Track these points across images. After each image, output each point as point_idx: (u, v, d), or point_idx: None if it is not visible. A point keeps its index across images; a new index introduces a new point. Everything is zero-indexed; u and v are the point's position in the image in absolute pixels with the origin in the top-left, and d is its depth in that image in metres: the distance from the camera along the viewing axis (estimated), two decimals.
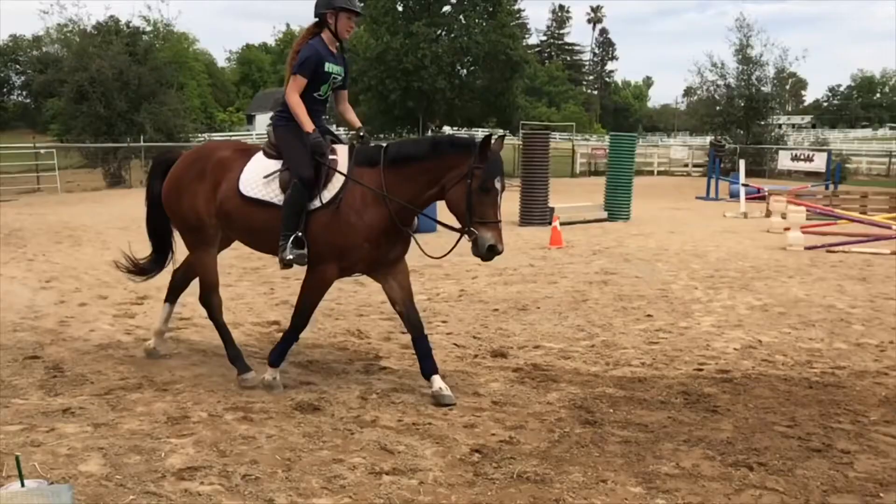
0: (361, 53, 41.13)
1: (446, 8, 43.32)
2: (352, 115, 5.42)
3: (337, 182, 4.89)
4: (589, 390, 5.19)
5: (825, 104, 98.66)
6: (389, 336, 6.57)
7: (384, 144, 5.15)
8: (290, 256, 4.84)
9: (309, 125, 4.98)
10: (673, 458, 4.03)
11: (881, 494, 3.66)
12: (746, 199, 19.68)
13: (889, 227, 13.79)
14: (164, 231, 5.94)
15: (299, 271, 5.56)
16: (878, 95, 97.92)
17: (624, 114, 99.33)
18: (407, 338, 6.48)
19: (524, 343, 6.43)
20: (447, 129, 54.45)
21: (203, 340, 6.28)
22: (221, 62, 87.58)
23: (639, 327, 7.07)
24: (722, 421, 4.64)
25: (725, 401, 5.01)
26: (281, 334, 6.52)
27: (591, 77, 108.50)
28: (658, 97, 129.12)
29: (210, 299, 5.43)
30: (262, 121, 74.02)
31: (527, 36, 67.60)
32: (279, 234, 4.88)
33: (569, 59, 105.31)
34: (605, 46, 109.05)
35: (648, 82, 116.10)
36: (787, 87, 49.15)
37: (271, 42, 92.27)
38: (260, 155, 5.20)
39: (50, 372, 5.36)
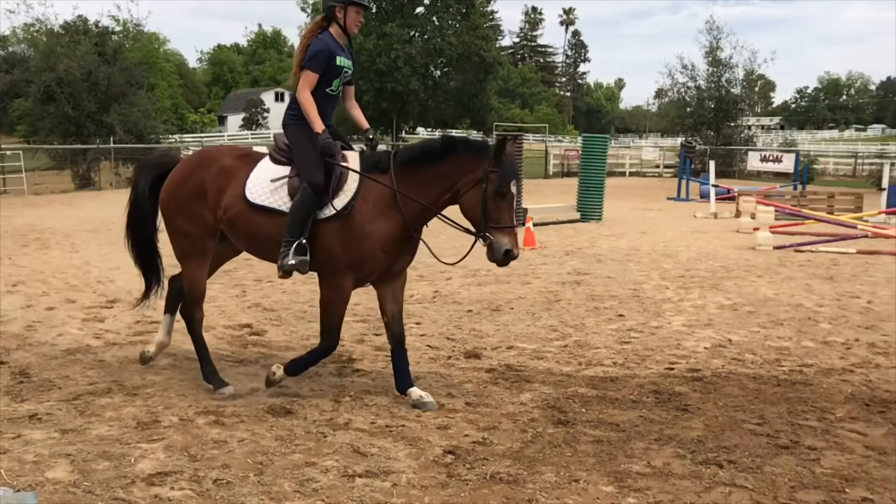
0: None
1: (419, 9, 43.41)
2: (358, 113, 5.26)
3: (349, 189, 4.73)
4: (562, 390, 5.21)
5: (793, 106, 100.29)
6: (363, 338, 6.55)
7: (392, 150, 5.03)
8: (293, 262, 4.65)
9: (319, 125, 4.80)
10: (644, 457, 4.07)
11: (847, 490, 3.73)
12: (716, 199, 19.93)
13: (855, 227, 14.05)
14: (149, 243, 5.60)
15: (272, 275, 5.52)
16: (843, 97, 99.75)
17: (596, 115, 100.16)
18: (381, 339, 6.50)
19: (497, 344, 6.45)
20: (421, 131, 54.54)
21: (174, 344, 6.19)
22: (193, 63, 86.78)
23: (611, 327, 7.13)
24: (692, 419, 4.69)
25: (696, 399, 5.06)
26: (253, 337, 6.50)
27: (563, 79, 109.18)
28: (630, 99, 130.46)
29: (193, 312, 5.23)
30: (234, 122, 73.56)
31: (500, 38, 67.79)
32: None
33: (541, 60, 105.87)
34: (578, 48, 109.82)
35: (620, 84, 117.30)
36: (756, 88, 49.79)
37: (243, 43, 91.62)
38: (267, 160, 5.00)
39: (16, 377, 5.26)
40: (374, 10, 41.86)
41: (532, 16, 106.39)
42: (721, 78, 39.85)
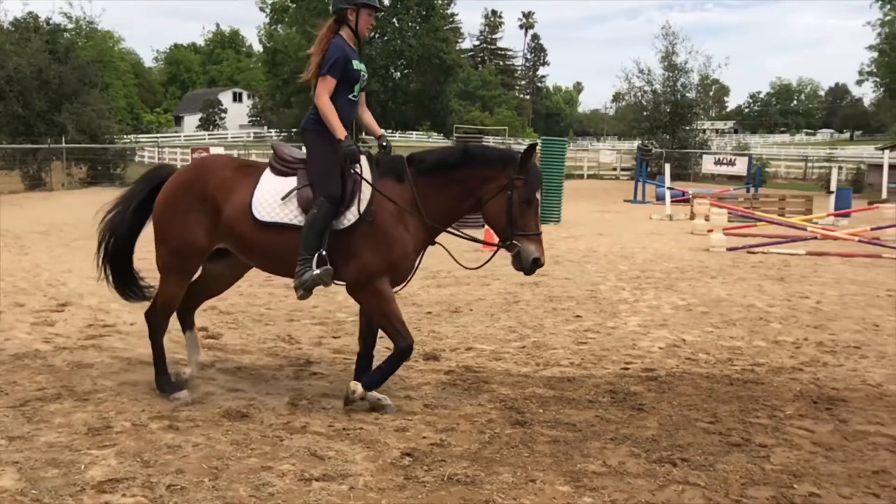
0: (293, 54, 40.69)
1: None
2: (370, 119, 5.11)
3: (365, 195, 4.62)
4: (519, 391, 5.25)
5: (746, 110, 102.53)
6: (321, 341, 6.50)
7: (405, 155, 4.96)
8: (318, 272, 4.53)
9: (342, 131, 4.66)
10: (600, 457, 4.12)
11: (795, 486, 3.82)
12: (672, 202, 20.27)
13: (804, 229, 14.43)
14: (127, 259, 5.32)
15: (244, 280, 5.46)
16: (794, 102, 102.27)
17: (555, 118, 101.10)
18: (339, 342, 6.48)
19: (456, 345, 6.47)
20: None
21: (127, 348, 6.09)
22: (149, 62, 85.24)
23: (568, 328, 7.20)
24: (647, 419, 4.76)
25: (651, 399, 5.14)
26: (209, 340, 6.41)
27: (523, 82, 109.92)
28: (588, 102, 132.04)
29: (158, 321, 5.01)
30: (191, 122, 72.55)
31: (460, 40, 68.03)
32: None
33: (501, 63, 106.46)
34: (537, 52, 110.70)
35: (578, 88, 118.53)
36: (711, 93, 50.75)
37: (201, 42, 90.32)
38: (269, 173, 4.81)
39: None
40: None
41: (492, 19, 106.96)
42: (676, 82, 40.62)
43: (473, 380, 5.50)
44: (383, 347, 6.31)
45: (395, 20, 43.18)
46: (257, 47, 63.03)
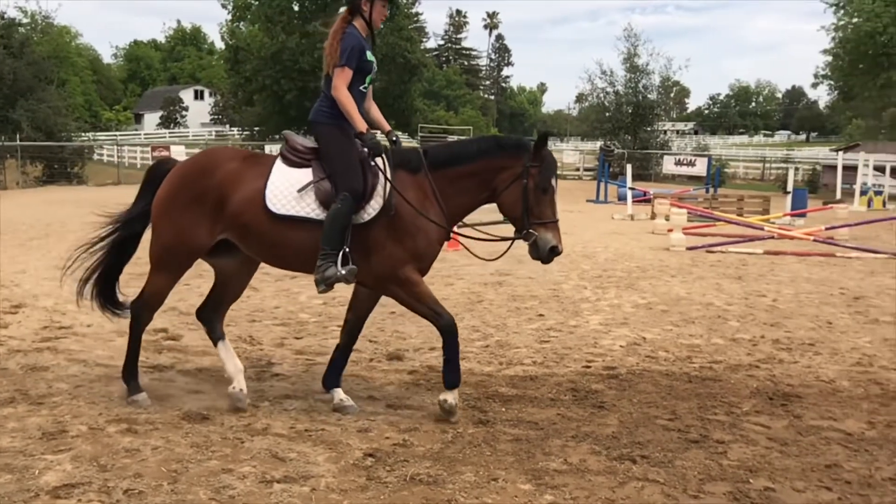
0: (256, 52, 40.31)
1: (343, 9, 43.06)
2: (377, 113, 4.98)
3: (385, 187, 4.56)
4: (482, 390, 5.27)
5: (706, 112, 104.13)
6: (283, 342, 6.46)
7: (420, 148, 4.91)
8: (343, 272, 4.43)
9: (363, 124, 4.60)
10: (561, 454, 4.16)
11: (751, 481, 3.90)
12: (633, 202, 20.52)
13: (762, 229, 14.72)
14: (124, 255, 5.13)
15: (188, 277, 5.39)
16: (753, 104, 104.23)
17: (519, 119, 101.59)
18: (301, 343, 6.44)
19: (420, 345, 6.47)
20: None
21: (84, 350, 5.98)
22: (107, 58, 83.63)
23: (531, 327, 7.25)
24: (608, 416, 4.82)
25: (611, 396, 5.20)
26: (168, 341, 6.32)
27: (487, 82, 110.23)
28: (552, 103, 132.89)
29: (143, 313, 4.91)
30: (152, 120, 71.37)
31: (425, 40, 68.00)
32: (317, 251, 4.47)
33: (466, 63, 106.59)
34: (501, 52, 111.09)
35: (542, 88, 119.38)
36: (672, 94, 51.53)
37: (161, 39, 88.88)
38: (280, 164, 4.68)
39: None
40: (296, 10, 41.37)
41: (457, 19, 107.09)
42: (638, 84, 41.10)
43: (437, 379, 5.49)
44: (337, 340, 6.29)
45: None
46: (219, 44, 62.25)
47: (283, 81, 39.79)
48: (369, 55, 4.72)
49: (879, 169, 29.32)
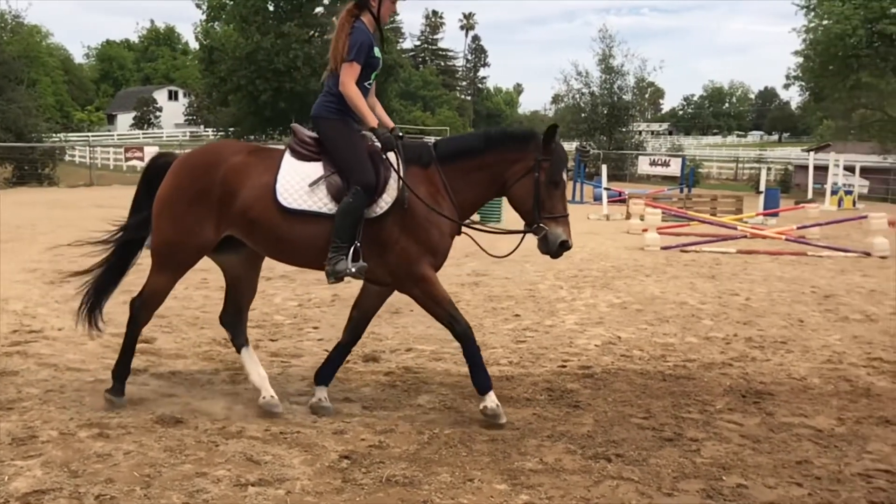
0: (230, 52, 40.03)
1: (319, 9, 42.94)
2: (381, 110, 4.87)
3: (394, 181, 4.50)
4: (459, 391, 5.27)
5: (680, 112, 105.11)
6: (258, 344, 6.41)
7: (430, 142, 4.87)
8: (353, 269, 4.38)
9: (373, 119, 4.56)
10: (537, 454, 4.17)
11: (724, 478, 3.94)
12: (608, 202, 20.67)
13: (735, 228, 14.89)
14: (131, 250, 5.02)
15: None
16: (726, 105, 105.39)
17: (496, 119, 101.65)
18: (276, 345, 6.41)
19: (396, 346, 6.46)
20: None
21: (55, 354, 5.89)
22: (79, 58, 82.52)
23: (507, 327, 7.27)
24: (583, 415, 4.85)
25: (587, 396, 5.23)
26: (141, 344, 6.24)
27: (464, 83, 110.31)
28: (528, 104, 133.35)
29: (141, 313, 4.79)
30: (125, 121, 70.60)
31: (401, 40, 67.84)
32: (329, 246, 4.42)
33: (442, 64, 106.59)
34: (478, 53, 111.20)
35: (519, 89, 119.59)
36: (646, 95, 51.95)
37: (134, 39, 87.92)
38: (289, 157, 4.60)
39: None
40: (271, 10, 41.13)
41: (433, 19, 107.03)
42: (613, 85, 41.45)
43: (413, 381, 5.51)
44: (313, 342, 6.25)
45: (334, 19, 42.86)
46: (193, 45, 61.70)
47: (258, 82, 39.58)
48: (376, 51, 4.68)
49: (849, 169, 29.81)
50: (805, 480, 3.93)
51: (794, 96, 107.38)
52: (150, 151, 35.10)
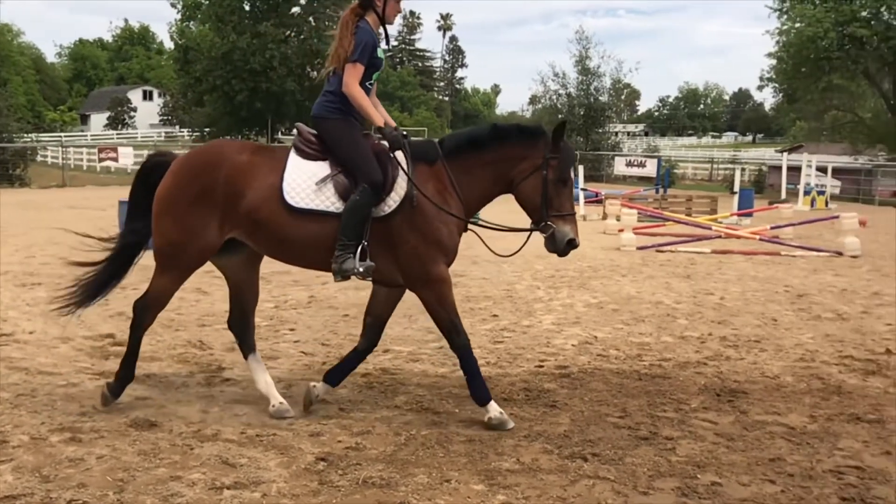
0: (206, 52, 39.70)
1: (295, 9, 42.74)
2: (382, 110, 4.81)
3: (402, 179, 4.47)
4: (436, 391, 5.28)
5: (656, 113, 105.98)
6: (233, 346, 6.32)
7: (435, 140, 4.86)
8: (360, 268, 4.37)
9: (379, 118, 4.55)
10: (514, 454, 4.18)
11: (698, 476, 3.98)
12: (585, 202, 20.77)
13: (710, 228, 15.04)
14: (132, 252, 4.90)
15: (136, 282, 5.28)
16: (701, 106, 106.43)
17: (474, 120, 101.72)
18: None
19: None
20: None
21: (26, 357, 5.81)
22: (51, 57, 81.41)
23: (485, 327, 7.28)
24: (560, 415, 4.86)
25: (563, 395, 5.26)
26: (115, 348, 6.17)
27: (441, 83, 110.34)
28: (505, 105, 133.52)
29: (145, 315, 4.68)
30: (98, 121, 69.71)
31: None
32: (334, 245, 4.40)
33: (420, 64, 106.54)
34: (455, 54, 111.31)
35: (496, 90, 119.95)
36: (623, 97, 52.31)
37: (108, 38, 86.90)
38: (294, 156, 4.54)
39: None
40: (247, 10, 40.85)
41: (410, 20, 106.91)
42: (590, 86, 41.72)
43: (390, 382, 5.50)
44: (289, 343, 6.21)
45: (311, 19, 42.72)
46: (168, 44, 61.14)
47: (234, 82, 39.29)
48: (379, 51, 4.66)
49: (822, 169, 30.24)
50: (778, 478, 3.98)
51: (767, 98, 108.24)
52: (125, 152, 34.75)
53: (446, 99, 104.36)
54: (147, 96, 74.14)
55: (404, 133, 4.64)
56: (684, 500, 3.70)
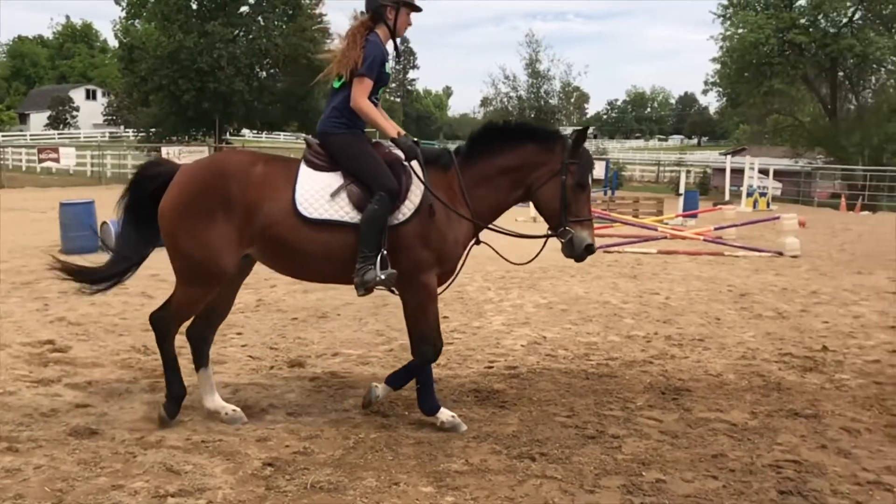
0: (152, 51, 38.87)
1: (244, 8, 42.13)
2: (392, 122, 4.77)
3: (416, 187, 4.45)
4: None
5: (605, 116, 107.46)
6: (180, 351, 6.21)
7: (448, 147, 4.79)
8: (382, 277, 4.31)
9: (393, 130, 4.51)
10: (463, 455, 4.20)
11: (643, 473, 4.05)
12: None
13: (656, 229, 15.32)
14: (132, 259, 4.71)
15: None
16: (648, 109, 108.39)
17: (426, 122, 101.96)
18: None
19: (323, 351, 6.40)
20: (247, 133, 52.86)
21: None
22: None
23: None
24: (509, 415, 4.90)
25: (512, 396, 5.30)
26: (55, 353, 6.00)
27: (394, 85, 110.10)
28: (457, 107, 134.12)
29: (168, 326, 4.53)
30: (38, 120, 67.65)
31: (329, 41, 67.18)
32: (351, 257, 4.35)
33: None
34: (407, 55, 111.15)
35: (448, 92, 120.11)
36: (572, 100, 52.89)
37: (49, 35, 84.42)
38: (305, 168, 4.48)
39: None
40: (194, 8, 40.13)
41: None
42: (540, 89, 42.04)
43: (339, 385, 5.47)
44: (236, 348, 6.13)
45: (259, 18, 42.15)
46: (113, 42, 59.60)
47: (181, 82, 38.50)
48: (387, 66, 4.64)
49: (763, 172, 31.04)
50: (720, 473, 4.08)
51: (712, 102, 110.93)
52: (67, 152, 33.79)
53: (398, 100, 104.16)
54: (90, 95, 72.27)
55: (417, 140, 4.64)
56: (630, 497, 3.77)
